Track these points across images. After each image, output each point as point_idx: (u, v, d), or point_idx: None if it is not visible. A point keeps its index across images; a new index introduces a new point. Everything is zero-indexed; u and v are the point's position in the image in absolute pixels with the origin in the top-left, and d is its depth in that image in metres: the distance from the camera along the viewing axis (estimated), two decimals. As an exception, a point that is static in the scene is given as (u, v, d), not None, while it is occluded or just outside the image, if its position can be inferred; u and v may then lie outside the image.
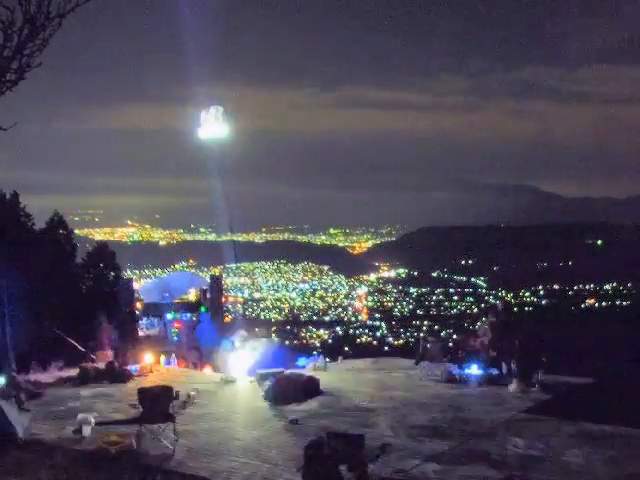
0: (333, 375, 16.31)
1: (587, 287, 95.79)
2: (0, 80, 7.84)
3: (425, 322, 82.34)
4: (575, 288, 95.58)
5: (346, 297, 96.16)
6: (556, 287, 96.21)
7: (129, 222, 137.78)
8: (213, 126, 18.01)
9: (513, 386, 13.76)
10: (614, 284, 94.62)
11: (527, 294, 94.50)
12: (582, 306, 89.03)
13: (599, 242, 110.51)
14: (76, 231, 27.63)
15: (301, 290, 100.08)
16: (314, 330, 74.54)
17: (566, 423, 10.85)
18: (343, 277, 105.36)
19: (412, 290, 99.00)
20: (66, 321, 18.64)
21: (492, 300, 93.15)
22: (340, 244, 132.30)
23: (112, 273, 23.60)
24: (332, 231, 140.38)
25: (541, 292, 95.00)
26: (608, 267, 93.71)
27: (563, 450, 9.42)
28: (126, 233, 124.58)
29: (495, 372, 14.84)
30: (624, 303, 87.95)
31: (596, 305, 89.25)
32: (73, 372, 15.86)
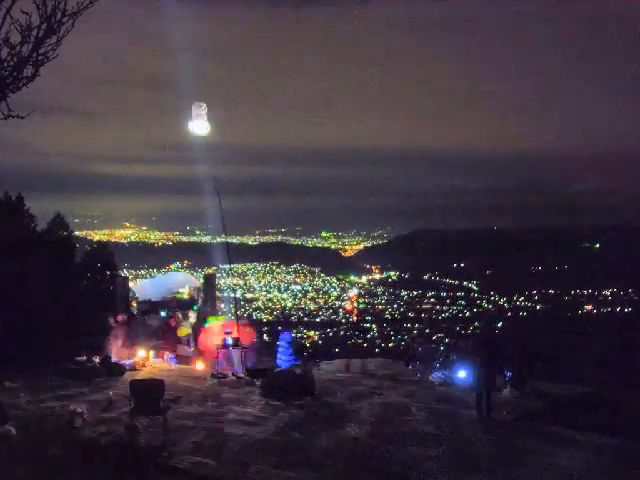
0: (325, 374, 17.00)
1: (585, 292, 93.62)
2: (17, 77, 8.38)
3: (416, 325, 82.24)
4: (572, 293, 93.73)
5: (337, 299, 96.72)
6: (551, 292, 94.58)
7: (127, 224, 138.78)
8: (199, 122, 19.40)
9: (506, 392, 13.76)
10: (614, 289, 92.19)
11: (521, 299, 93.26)
12: (579, 312, 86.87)
13: (597, 245, 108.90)
14: (76, 232, 28.20)
15: (292, 291, 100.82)
16: (305, 331, 75.14)
17: (559, 430, 10.73)
18: (334, 279, 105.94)
19: (403, 293, 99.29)
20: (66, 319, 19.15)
21: (485, 304, 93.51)
22: (332, 247, 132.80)
23: (109, 272, 24.26)
24: (324, 234, 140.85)
25: (536, 297, 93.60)
26: (607, 271, 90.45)
27: (555, 457, 9.38)
28: (124, 234, 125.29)
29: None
30: (625, 310, 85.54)
31: (594, 311, 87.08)
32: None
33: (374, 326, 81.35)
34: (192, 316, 21.07)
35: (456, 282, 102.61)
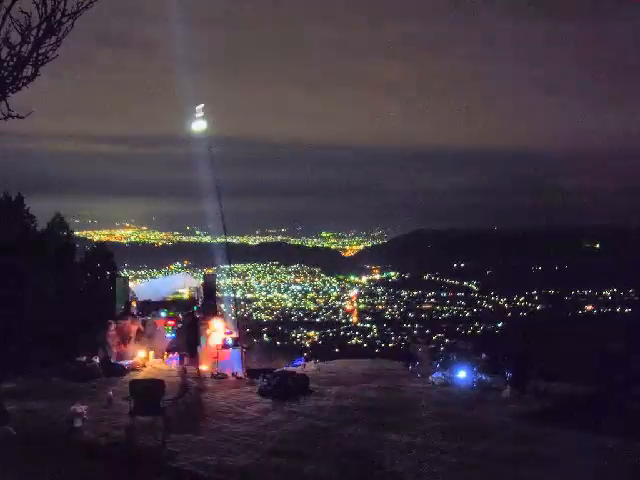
0: (326, 374, 17.04)
1: (585, 292, 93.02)
2: (17, 77, 8.40)
3: (416, 325, 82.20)
4: (572, 293, 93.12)
5: (337, 299, 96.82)
6: (551, 292, 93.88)
7: (127, 224, 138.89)
8: (198, 122, 19.98)
9: (506, 392, 13.83)
10: (614, 289, 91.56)
11: (521, 299, 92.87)
12: (579, 312, 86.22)
13: (597, 245, 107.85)
14: (76, 232, 28.14)
15: (292, 291, 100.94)
16: (305, 331, 75.26)
17: (559, 431, 10.76)
18: (334, 279, 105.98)
19: (403, 293, 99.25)
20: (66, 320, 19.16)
21: (485, 304, 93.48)
22: (332, 247, 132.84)
23: (109, 272, 24.27)
24: (324, 234, 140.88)
25: (536, 297, 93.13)
26: (607, 272, 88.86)
27: (556, 457, 9.41)
28: (124, 235, 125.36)
29: (485, 378, 15.03)
30: (625, 310, 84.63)
31: (594, 312, 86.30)
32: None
33: (374, 326, 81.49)
34: None
35: (456, 282, 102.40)
